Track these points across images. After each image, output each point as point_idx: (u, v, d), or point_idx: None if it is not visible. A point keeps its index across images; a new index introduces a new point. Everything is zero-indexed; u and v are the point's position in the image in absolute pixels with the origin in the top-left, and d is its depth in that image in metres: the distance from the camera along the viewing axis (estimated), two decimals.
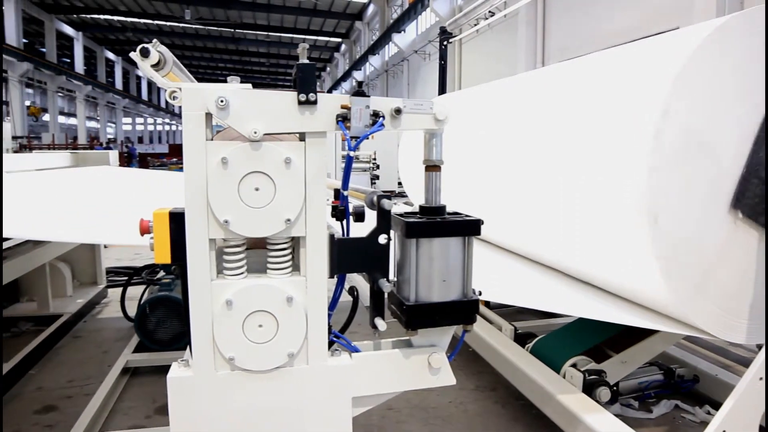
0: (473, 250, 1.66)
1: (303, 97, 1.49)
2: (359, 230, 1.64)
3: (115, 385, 3.47)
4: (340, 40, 39.80)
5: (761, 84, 2.10)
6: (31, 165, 5.25)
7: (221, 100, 1.45)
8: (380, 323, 1.66)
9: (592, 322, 2.92)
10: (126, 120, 55.35)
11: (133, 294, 4.57)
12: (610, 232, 2.31)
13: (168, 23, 35.15)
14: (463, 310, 1.66)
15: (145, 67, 1.56)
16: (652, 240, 2.08)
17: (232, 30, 36.02)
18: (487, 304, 4.03)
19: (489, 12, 14.73)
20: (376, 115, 1.55)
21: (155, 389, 3.59)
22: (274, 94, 1.51)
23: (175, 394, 1.57)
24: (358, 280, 2.59)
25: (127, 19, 34.61)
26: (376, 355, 1.72)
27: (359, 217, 1.64)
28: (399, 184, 10.79)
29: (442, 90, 15.34)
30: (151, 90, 57.18)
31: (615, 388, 2.82)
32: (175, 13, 32.67)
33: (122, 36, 38.69)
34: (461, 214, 1.70)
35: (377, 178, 11.79)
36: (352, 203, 1.65)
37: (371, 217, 1.64)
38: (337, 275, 1.64)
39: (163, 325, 3.90)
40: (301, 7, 31.13)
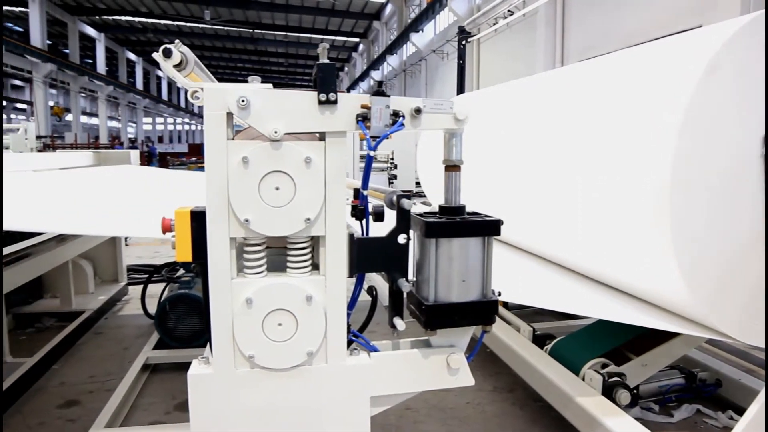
0: (493, 251, 1.66)
1: (323, 97, 1.50)
2: (379, 230, 1.64)
3: (136, 381, 3.51)
4: (357, 39, 39.87)
5: None
6: (56, 164, 5.35)
7: (242, 100, 1.46)
8: (399, 323, 1.66)
9: (612, 324, 2.88)
10: (146, 120, 56.07)
11: (153, 292, 4.62)
12: (630, 232, 2.28)
13: (188, 24, 35.53)
14: (482, 311, 1.65)
15: (168, 67, 1.58)
16: (672, 240, 2.05)
17: (251, 30, 36.29)
18: (505, 305, 4.00)
19: (508, 11, 14.63)
20: (396, 115, 1.55)
21: (175, 386, 3.63)
22: (295, 94, 1.52)
23: (196, 391, 1.58)
24: (376, 280, 2.58)
25: (148, 20, 35.06)
26: (395, 355, 1.72)
27: (379, 216, 1.64)
28: (417, 183, 10.76)
29: (461, 90, 15.29)
30: (171, 90, 57.87)
31: (635, 392, 2.79)
32: (195, 13, 33.01)
33: (143, 37, 39.20)
34: (481, 214, 1.69)
35: (395, 177, 11.77)
36: (372, 203, 1.65)
37: (391, 217, 1.64)
38: (356, 275, 1.64)
39: (182, 323, 3.95)
40: (320, 8, 31.24)
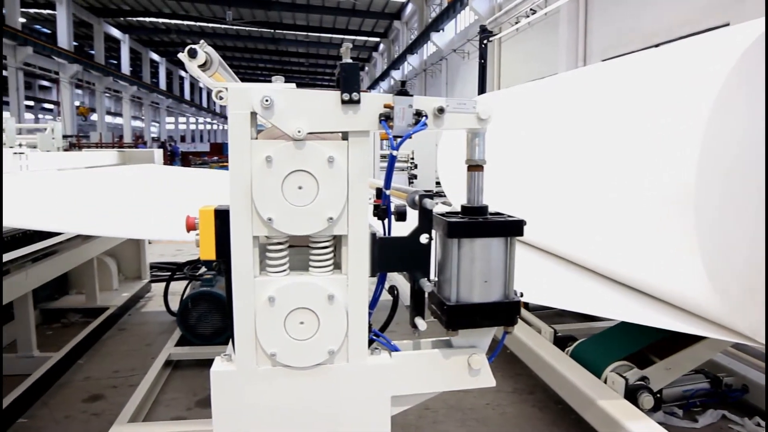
0: (515, 251, 1.64)
1: (346, 97, 1.50)
2: (401, 229, 1.64)
3: (158, 377, 3.56)
4: (378, 39, 39.90)
5: None
6: (82, 163, 5.46)
7: (266, 100, 1.47)
8: (420, 323, 1.66)
9: (635, 327, 2.84)
10: (169, 119, 56.79)
11: (176, 289, 4.69)
12: (655, 233, 2.25)
13: (210, 24, 35.92)
14: (504, 312, 1.64)
15: (193, 67, 1.59)
16: (699, 242, 2.01)
17: (272, 30, 36.56)
18: (526, 306, 3.97)
19: (530, 10, 14.51)
20: (419, 115, 1.55)
21: (196, 382, 3.67)
22: (318, 94, 1.52)
23: (218, 388, 1.60)
24: (398, 279, 2.59)
25: (171, 21, 35.54)
26: (416, 355, 1.72)
27: (401, 216, 1.63)
28: (437, 183, 10.72)
29: (482, 89, 15.20)
30: (194, 90, 58.59)
31: (658, 396, 2.74)
32: (217, 14, 33.35)
33: (166, 38, 39.76)
34: (503, 214, 1.68)
35: (415, 177, 11.75)
36: (394, 202, 1.65)
37: (413, 217, 1.64)
38: (377, 274, 1.64)
39: (204, 320, 3.99)
40: (340, 7, 31.34)
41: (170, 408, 3.35)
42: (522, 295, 1.67)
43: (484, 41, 15.35)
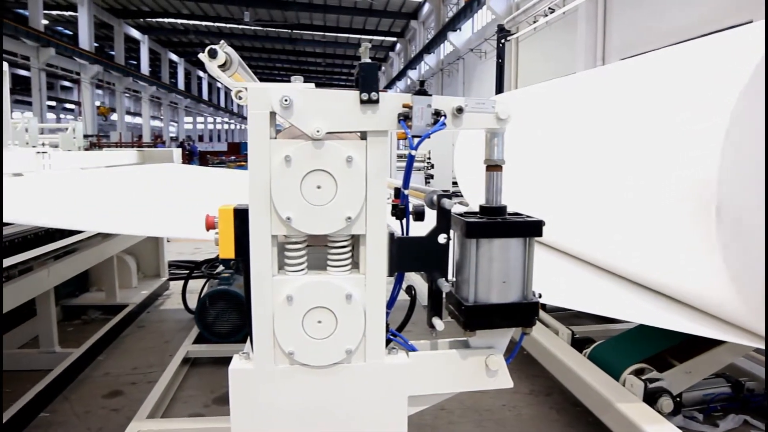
0: (534, 252, 1.63)
1: (365, 96, 1.50)
2: (418, 229, 1.64)
3: (176, 375, 3.60)
4: (395, 39, 39.88)
5: None
6: (103, 162, 5.54)
7: (285, 100, 1.48)
8: (438, 323, 1.66)
9: (654, 329, 2.80)
10: (187, 119, 57.36)
11: (194, 287, 4.73)
12: (676, 234, 2.22)
13: (228, 25, 36.19)
14: (522, 312, 1.63)
15: (213, 67, 1.60)
16: (721, 243, 1.98)
17: (290, 31, 36.74)
18: (543, 307, 3.94)
19: (549, 9, 14.38)
20: (437, 114, 1.54)
21: (213, 380, 3.70)
22: (337, 94, 1.53)
23: (236, 386, 1.61)
24: (415, 279, 2.58)
25: (190, 22, 35.89)
26: (433, 355, 1.71)
27: (419, 216, 1.63)
28: (453, 183, 10.69)
29: (499, 89, 15.11)
30: (212, 90, 59.09)
31: (678, 399, 2.71)
32: (235, 15, 33.60)
33: (185, 38, 40.14)
34: (522, 214, 1.67)
35: (431, 177, 11.73)
36: (412, 202, 1.65)
37: (431, 217, 1.63)
38: (395, 274, 1.64)
39: (222, 318, 4.03)
40: (357, 7, 31.38)
41: (188, 405, 3.39)
42: (540, 296, 1.66)
43: (502, 41, 15.25)
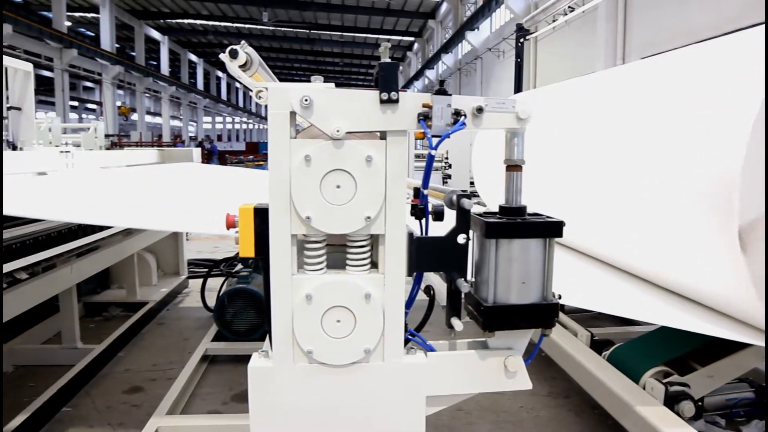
0: (554, 253, 1.62)
1: (385, 96, 1.50)
2: (437, 229, 1.64)
3: (195, 372, 3.64)
4: (412, 39, 39.85)
5: None
6: (124, 161, 5.63)
7: (305, 99, 1.48)
8: (457, 323, 1.65)
9: (675, 332, 2.76)
10: (206, 119, 57.91)
11: (212, 286, 4.78)
12: (697, 233, 2.18)
13: (246, 25, 36.48)
14: (542, 314, 1.62)
15: (233, 67, 1.62)
16: (743, 243, 1.94)
17: (307, 31, 36.90)
18: (562, 308, 3.91)
19: (568, 7, 14.26)
20: (457, 114, 1.54)
21: (231, 377, 3.74)
22: (357, 93, 1.53)
23: (255, 384, 1.62)
24: (434, 279, 2.58)
25: (209, 23, 36.24)
26: (452, 355, 1.71)
27: (438, 216, 1.63)
28: (471, 183, 10.64)
29: (518, 89, 15.02)
30: (230, 90, 59.57)
31: (700, 404, 2.66)
32: (253, 15, 33.86)
33: (204, 39, 40.57)
34: (542, 215, 1.66)
35: (449, 177, 11.70)
36: (432, 202, 1.64)
37: (450, 217, 1.63)
38: (414, 274, 1.64)
39: (240, 317, 4.06)
40: (375, 7, 31.41)
41: (206, 402, 3.42)
42: (560, 298, 1.65)
43: (520, 40, 15.17)
